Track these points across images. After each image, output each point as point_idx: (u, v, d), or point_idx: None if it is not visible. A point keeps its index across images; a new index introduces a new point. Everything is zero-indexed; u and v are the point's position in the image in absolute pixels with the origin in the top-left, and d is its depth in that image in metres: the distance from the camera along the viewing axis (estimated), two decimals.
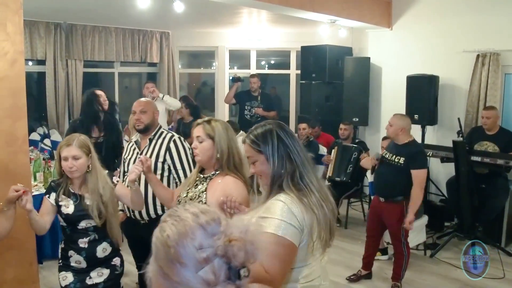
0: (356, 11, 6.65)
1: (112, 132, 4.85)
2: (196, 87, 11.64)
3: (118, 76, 9.11)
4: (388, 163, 4.42)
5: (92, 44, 8.28)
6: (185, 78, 10.97)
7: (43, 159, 5.45)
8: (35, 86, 8.87)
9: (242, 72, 10.14)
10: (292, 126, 10.00)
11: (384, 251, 5.26)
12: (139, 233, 3.45)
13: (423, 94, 6.48)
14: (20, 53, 3.47)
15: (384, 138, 5.49)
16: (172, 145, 3.50)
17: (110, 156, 4.66)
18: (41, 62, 7.90)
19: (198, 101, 9.80)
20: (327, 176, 6.36)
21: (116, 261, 2.98)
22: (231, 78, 8.21)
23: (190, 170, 3.40)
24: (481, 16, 6.32)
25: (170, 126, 7.71)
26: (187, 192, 2.67)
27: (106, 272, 2.91)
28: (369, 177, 5.78)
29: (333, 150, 6.41)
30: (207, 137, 2.59)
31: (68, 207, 2.81)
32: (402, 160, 4.31)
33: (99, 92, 4.89)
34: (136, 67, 9.60)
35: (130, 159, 3.68)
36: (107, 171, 2.97)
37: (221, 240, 1.06)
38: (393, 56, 7.32)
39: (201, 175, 2.68)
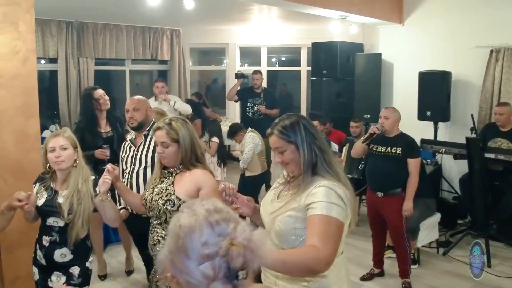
0: (367, 7, 6.60)
1: (119, 126, 4.78)
2: (206, 84, 11.66)
3: (129, 74, 9.14)
4: (382, 155, 4.38)
5: (103, 42, 8.33)
6: (196, 75, 10.99)
7: None
8: (48, 84, 8.93)
9: (252, 70, 10.14)
10: None
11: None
12: (142, 229, 3.43)
13: (435, 90, 6.42)
14: (32, 52, 3.49)
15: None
16: None
17: None
18: (53, 60, 7.96)
19: (209, 98, 9.82)
20: None
21: (74, 270, 2.83)
22: (234, 74, 7.99)
23: None
24: (494, 11, 6.23)
25: None
26: (153, 190, 2.76)
27: (63, 279, 2.82)
28: None
29: (344, 148, 6.37)
30: (172, 141, 2.66)
31: (40, 199, 2.79)
32: (399, 150, 4.30)
33: (96, 95, 4.63)
34: (147, 64, 9.63)
35: (127, 157, 3.71)
36: (94, 177, 2.88)
37: (225, 242, 1.13)
38: (405, 52, 7.26)
39: (165, 171, 2.78)
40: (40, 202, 2.78)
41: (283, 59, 11.77)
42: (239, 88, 7.78)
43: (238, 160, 6.33)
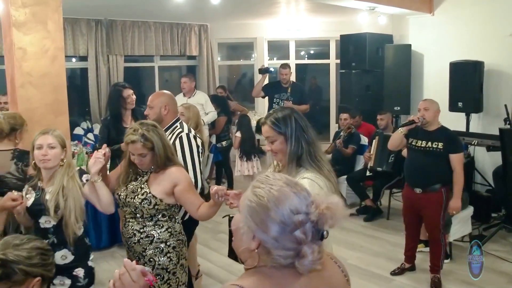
0: None
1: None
2: (236, 79, 11.68)
3: (158, 70, 9.22)
4: (421, 150, 4.26)
5: (132, 39, 8.42)
6: (225, 70, 11.01)
7: (86, 153, 5.57)
8: (79, 82, 9.08)
9: (281, 63, 10.09)
10: (333, 116, 9.92)
11: (427, 243, 5.13)
12: None
13: (467, 81, 6.27)
14: (60, 50, 3.54)
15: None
16: (177, 142, 3.34)
17: None
18: (84, 59, 8.09)
19: (238, 93, 9.84)
20: (369, 166, 6.26)
21: (79, 272, 2.77)
22: (258, 69, 7.60)
23: (194, 169, 3.28)
24: None
25: None
26: (126, 187, 2.86)
27: (68, 282, 2.74)
28: None
29: (374, 140, 6.30)
30: (148, 150, 2.78)
31: (29, 199, 2.73)
32: (440, 145, 4.16)
33: (125, 94, 4.70)
34: (176, 60, 9.69)
35: None
36: (78, 167, 2.88)
37: (314, 208, 1.27)
38: (435, 42, 7.11)
39: (139, 170, 2.88)
40: (30, 202, 2.73)
41: (311, 52, 11.69)
42: (264, 83, 7.49)
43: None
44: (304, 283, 1.29)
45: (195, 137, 3.41)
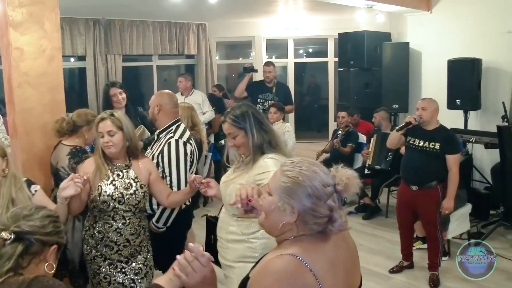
0: None
1: (139, 121, 4.75)
2: (235, 78, 11.68)
3: (157, 69, 9.22)
4: (418, 149, 4.27)
5: (130, 38, 8.41)
6: (223, 69, 11.01)
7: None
8: (77, 82, 9.08)
9: (279, 62, 10.09)
10: (331, 114, 9.92)
11: (425, 239, 5.14)
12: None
13: (465, 78, 6.27)
14: (58, 50, 3.54)
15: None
16: (165, 148, 3.27)
17: None
18: (82, 58, 8.08)
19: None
20: (367, 165, 6.27)
21: None
22: (243, 67, 7.17)
23: (178, 177, 3.23)
24: None
25: None
26: (115, 186, 2.81)
27: None
28: None
29: (372, 138, 6.32)
30: (118, 129, 2.82)
31: None
32: (437, 145, 4.17)
33: (111, 92, 4.68)
34: (174, 59, 9.69)
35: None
36: (25, 178, 2.69)
37: (338, 180, 1.55)
38: (433, 40, 7.11)
39: (114, 167, 2.87)
40: None
41: (310, 50, 11.69)
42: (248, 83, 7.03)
43: None
44: (333, 244, 1.57)
45: (185, 144, 3.29)
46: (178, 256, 1.49)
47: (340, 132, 6.57)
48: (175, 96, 3.59)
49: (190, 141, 3.38)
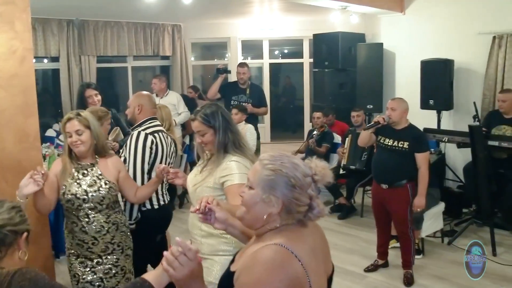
0: None
1: (113, 122, 4.72)
2: (211, 79, 11.66)
3: (132, 70, 9.15)
4: (388, 149, 4.33)
5: (105, 39, 8.34)
6: (199, 70, 10.98)
7: (58, 155, 5.49)
8: (51, 83, 8.96)
9: (255, 63, 10.11)
10: (307, 115, 9.98)
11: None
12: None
13: (438, 78, 6.37)
14: (29, 51, 3.48)
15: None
16: (128, 139, 3.38)
17: None
18: (55, 59, 7.98)
19: None
20: (342, 165, 6.32)
21: None
22: (216, 68, 6.89)
23: (134, 167, 3.28)
24: None
25: None
26: (79, 184, 2.86)
27: None
28: None
29: (347, 139, 6.36)
30: (85, 128, 2.90)
31: None
32: (406, 144, 4.23)
33: (87, 93, 4.69)
34: (149, 60, 9.63)
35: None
36: None
37: (315, 171, 1.65)
38: (407, 41, 7.21)
39: (79, 165, 2.93)
40: None
41: (286, 51, 11.74)
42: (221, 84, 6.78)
43: None
44: (310, 232, 1.69)
45: (146, 135, 3.32)
46: (165, 252, 1.53)
47: (315, 132, 6.59)
48: (153, 97, 3.66)
49: (156, 135, 3.39)
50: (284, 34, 9.74)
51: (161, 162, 3.38)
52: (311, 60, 8.92)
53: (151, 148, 3.32)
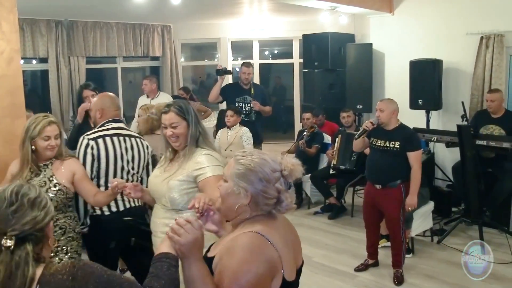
0: None
1: None
2: (200, 80, 11.65)
3: (122, 71, 9.11)
4: (380, 149, 4.35)
5: (94, 40, 8.29)
6: (189, 71, 10.96)
7: None
8: (39, 84, 8.90)
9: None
10: (297, 115, 9.98)
11: (389, 237, 5.22)
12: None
13: (426, 78, 6.41)
14: (16, 52, 3.46)
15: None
16: None
17: None
18: (44, 60, 7.92)
19: (202, 93, 9.79)
20: (332, 165, 6.33)
21: None
22: (216, 70, 6.47)
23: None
24: None
25: None
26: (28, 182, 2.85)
27: None
28: None
29: (337, 139, 6.38)
30: (60, 131, 3.03)
31: None
32: (397, 144, 4.26)
33: (84, 94, 4.73)
34: (139, 61, 9.59)
35: None
36: None
37: (284, 166, 1.77)
38: (396, 41, 7.24)
39: (39, 164, 2.98)
40: None
41: (275, 52, 11.75)
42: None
43: None
44: (281, 224, 1.82)
45: (88, 141, 3.25)
46: (171, 224, 1.67)
47: (305, 133, 6.60)
48: (117, 98, 3.60)
49: (99, 140, 3.27)
50: (274, 34, 9.75)
51: (108, 168, 3.28)
52: (301, 60, 8.92)
53: (92, 155, 3.23)
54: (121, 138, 3.37)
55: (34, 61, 8.24)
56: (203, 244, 1.67)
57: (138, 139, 3.51)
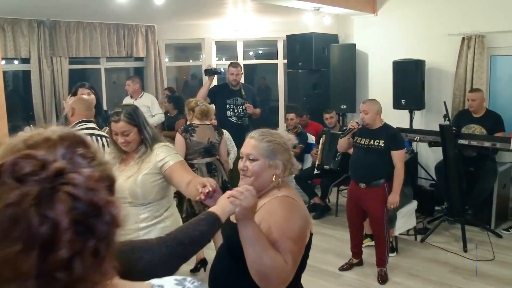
0: None
1: (101, 122, 4.72)
2: (185, 80, 11.60)
3: (105, 72, 9.04)
4: (364, 148, 4.40)
5: (77, 40, 8.21)
6: (174, 71, 10.92)
7: None
8: (21, 85, 8.80)
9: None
10: (281, 115, 9.99)
11: (373, 237, 5.25)
12: None
13: (409, 79, 6.47)
14: None
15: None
16: None
17: None
18: (26, 61, 7.81)
19: (186, 94, 9.75)
20: (316, 165, 6.35)
21: None
22: (205, 70, 6.28)
23: None
24: None
25: None
26: None
27: None
28: None
29: (321, 139, 6.40)
30: None
31: None
32: (382, 143, 4.30)
33: (79, 93, 4.68)
34: (123, 62, 9.53)
35: None
36: None
37: (289, 137, 2.16)
38: (379, 41, 7.30)
39: None
40: None
41: (260, 52, 11.75)
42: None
43: None
44: (294, 189, 2.20)
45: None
46: (228, 191, 1.82)
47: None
48: (89, 101, 3.79)
49: None
50: (258, 35, 9.74)
51: None
52: (285, 61, 8.94)
53: None
54: (94, 137, 3.46)
55: (15, 62, 8.14)
56: (256, 208, 1.85)
57: (108, 139, 3.56)
